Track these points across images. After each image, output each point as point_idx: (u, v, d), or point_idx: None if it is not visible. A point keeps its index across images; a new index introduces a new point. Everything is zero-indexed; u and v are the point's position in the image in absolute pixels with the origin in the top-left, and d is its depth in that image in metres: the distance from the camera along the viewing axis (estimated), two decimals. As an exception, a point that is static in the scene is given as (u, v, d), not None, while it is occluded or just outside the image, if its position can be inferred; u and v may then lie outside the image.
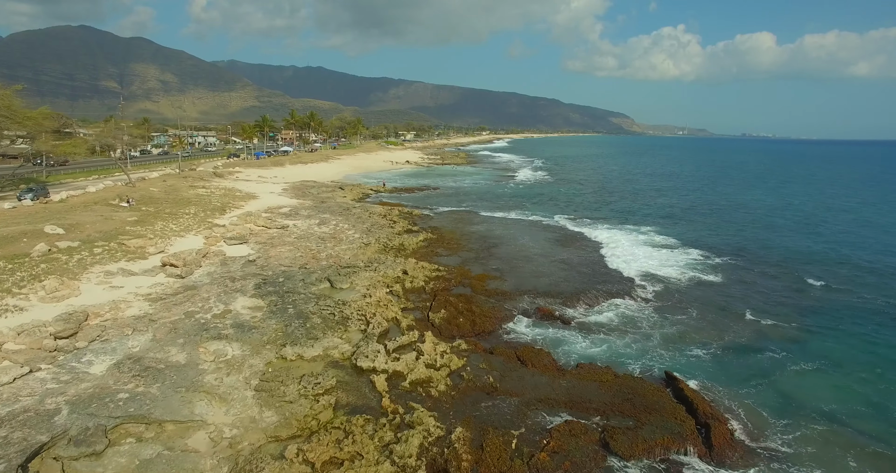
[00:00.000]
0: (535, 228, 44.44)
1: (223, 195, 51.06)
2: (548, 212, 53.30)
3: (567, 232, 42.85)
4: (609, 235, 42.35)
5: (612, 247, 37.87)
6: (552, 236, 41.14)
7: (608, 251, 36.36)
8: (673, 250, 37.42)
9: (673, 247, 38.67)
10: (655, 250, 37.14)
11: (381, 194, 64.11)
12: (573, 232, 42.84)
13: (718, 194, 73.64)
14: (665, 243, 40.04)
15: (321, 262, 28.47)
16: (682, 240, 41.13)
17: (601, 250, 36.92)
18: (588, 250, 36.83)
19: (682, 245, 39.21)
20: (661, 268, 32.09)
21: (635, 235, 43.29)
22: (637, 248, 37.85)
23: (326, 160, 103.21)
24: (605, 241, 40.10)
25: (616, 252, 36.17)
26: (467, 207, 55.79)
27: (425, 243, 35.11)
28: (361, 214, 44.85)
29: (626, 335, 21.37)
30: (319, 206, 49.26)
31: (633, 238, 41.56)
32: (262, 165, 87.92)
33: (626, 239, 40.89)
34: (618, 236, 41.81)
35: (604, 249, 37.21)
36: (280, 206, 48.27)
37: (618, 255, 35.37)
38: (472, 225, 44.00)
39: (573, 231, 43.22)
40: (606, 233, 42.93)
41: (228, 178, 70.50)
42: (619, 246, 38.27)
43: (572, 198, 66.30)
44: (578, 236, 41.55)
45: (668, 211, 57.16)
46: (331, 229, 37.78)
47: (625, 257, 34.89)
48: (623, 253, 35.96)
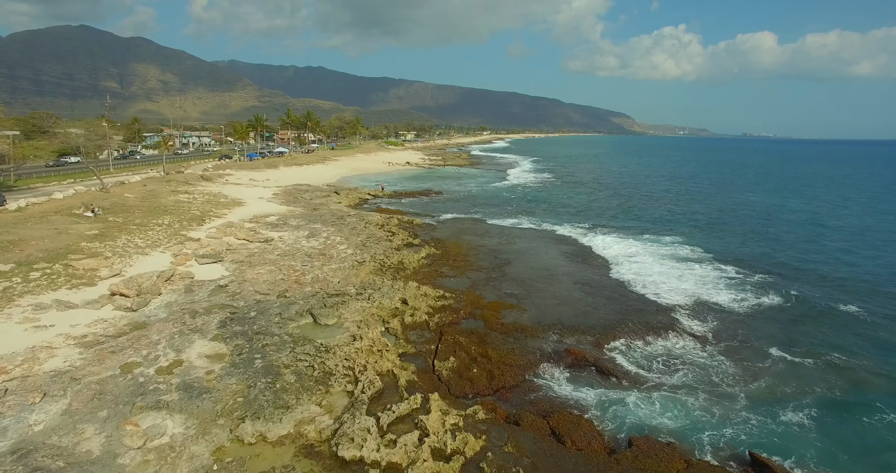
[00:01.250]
0: (548, 240, 39.96)
1: (206, 202, 46.64)
2: (559, 219, 48.85)
3: (583, 245, 38.35)
4: (629, 247, 37.99)
5: (637, 263, 33.45)
6: (567, 249, 36.65)
7: (634, 268, 31.92)
8: (704, 266, 32.97)
9: (703, 262, 34.23)
10: (686, 267, 32.65)
11: (379, 200, 59.67)
12: (589, 245, 38.34)
13: (735, 198, 69.12)
14: (693, 257, 35.59)
15: (305, 287, 23.99)
16: (710, 253, 36.69)
17: (625, 266, 32.46)
18: (610, 267, 32.35)
19: (712, 259, 34.74)
20: (703, 290, 27.62)
21: (657, 246, 38.95)
22: (664, 264, 33.39)
23: (323, 162, 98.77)
24: (626, 254, 35.72)
25: (643, 269, 31.73)
26: (472, 213, 51.35)
27: (428, 261, 30.62)
28: (356, 223, 40.38)
29: (684, 391, 16.88)
30: (311, 214, 44.80)
31: (655, 251, 37.17)
32: (254, 168, 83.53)
33: (649, 252, 36.50)
34: (639, 249, 37.43)
35: (628, 265, 32.75)
36: (267, 214, 43.83)
37: (646, 273, 30.93)
38: (479, 236, 39.53)
39: (589, 243, 38.72)
40: (626, 245, 38.53)
41: (217, 181, 66.11)
42: (644, 262, 33.84)
43: (583, 203, 61.82)
44: (595, 249, 37.05)
45: (685, 218, 52.69)
46: (321, 244, 33.30)
47: (654, 275, 30.42)
48: (651, 271, 31.49)
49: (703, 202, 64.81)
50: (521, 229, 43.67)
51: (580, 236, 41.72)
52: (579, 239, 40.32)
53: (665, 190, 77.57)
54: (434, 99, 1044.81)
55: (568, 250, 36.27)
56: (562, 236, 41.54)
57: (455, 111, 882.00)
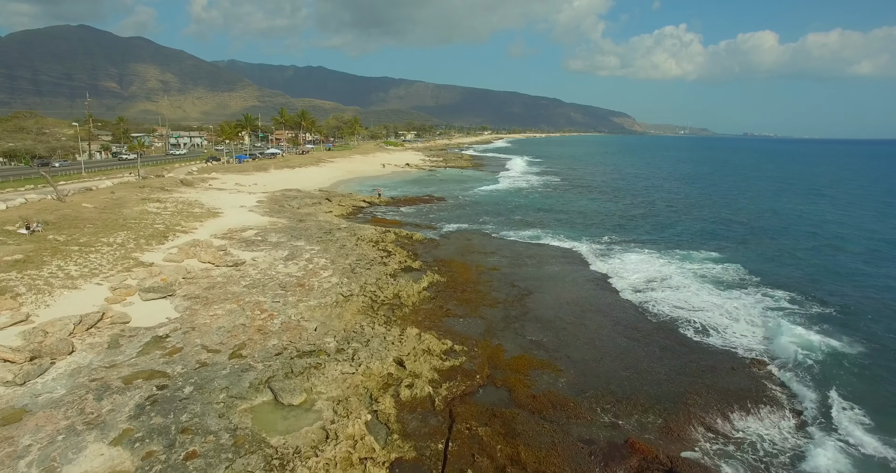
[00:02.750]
0: (568, 259, 34.19)
1: (177, 212, 40.96)
2: (574, 232, 43.15)
3: (608, 265, 32.49)
4: (663, 267, 32.43)
5: (678, 290, 27.79)
6: (592, 273, 30.81)
7: (677, 298, 26.26)
8: (752, 292, 27.32)
9: (748, 286, 28.65)
10: (733, 295, 26.79)
11: (375, 208, 53.95)
12: (616, 265, 32.51)
13: (761, 204, 63.27)
14: (736, 280, 30.01)
15: (270, 339, 18.26)
16: (754, 273, 31.12)
17: (666, 294, 26.82)
18: (649, 296, 26.65)
19: (759, 283, 29.09)
20: (767, 328, 21.90)
21: (691, 265, 33.41)
22: (707, 290, 27.69)
23: (317, 164, 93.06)
24: (661, 277, 30.16)
25: (688, 299, 26.07)
26: (478, 224, 45.67)
27: (431, 292, 24.90)
28: (347, 240, 34.66)
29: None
30: (295, 227, 39.09)
31: (692, 272, 31.60)
32: (242, 170, 77.87)
33: (686, 274, 30.91)
34: (673, 270, 31.82)
35: (669, 293, 27.10)
36: (245, 227, 38.13)
37: (693, 305, 25.27)
38: (489, 255, 33.80)
39: (615, 263, 32.89)
40: (658, 265, 32.90)
41: (198, 186, 60.47)
42: (684, 287, 28.22)
43: (597, 211, 56.09)
44: (625, 271, 31.24)
45: (709, 228, 47.00)
46: (300, 269, 27.58)
47: (704, 308, 24.72)
48: (697, 301, 25.80)
49: (727, 208, 59.01)
50: (534, 245, 37.87)
51: (603, 253, 36.03)
52: (603, 257, 34.59)
53: (685, 195, 71.78)
54: (434, 99, 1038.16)
55: (593, 274, 30.53)
56: (582, 253, 35.78)
57: (456, 111, 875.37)
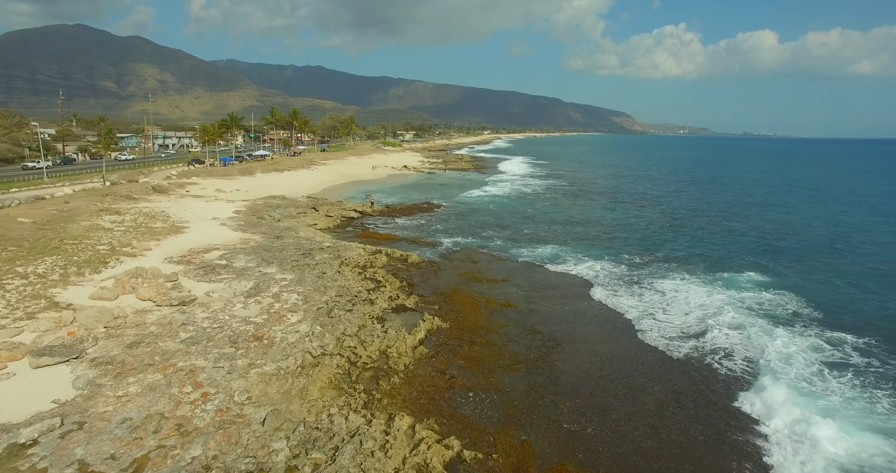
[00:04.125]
0: (594, 290, 28.27)
1: (133, 228, 35.00)
2: (594, 249, 37.28)
3: (646, 299, 26.56)
4: (708, 296, 26.93)
5: (739, 332, 22.06)
6: (628, 310, 24.79)
7: (743, 347, 20.52)
8: (825, 333, 21.63)
9: (813, 325, 23.29)
10: (817, 347, 21.03)
11: (366, 218, 48.00)
12: (654, 299, 26.54)
13: (794, 213, 57.47)
14: (802, 315, 24.63)
15: (192, 444, 12.31)
16: (815, 305, 25.89)
17: (725, 340, 21.05)
18: (706, 345, 20.81)
19: (822, 322, 23.60)
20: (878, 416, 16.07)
21: (735, 292, 28.04)
22: (778, 334, 21.81)
23: (308, 166, 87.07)
24: (713, 311, 24.63)
25: (756, 348, 20.34)
26: (483, 239, 39.81)
27: (429, 348, 18.96)
28: (328, 264, 28.73)
29: None
30: (270, 246, 33.15)
31: (746, 303, 26.24)
32: (226, 175, 71.93)
33: (740, 307, 25.46)
34: (723, 300, 26.29)
35: (730, 338, 21.34)
36: (210, 247, 32.18)
37: (765, 356, 19.52)
38: (500, 285, 27.86)
39: (653, 297, 26.90)
40: (699, 295, 27.16)
41: (173, 194, 54.53)
42: (743, 326, 22.52)
43: (616, 222, 50.22)
44: (666, 307, 25.45)
45: (745, 243, 41.20)
46: (263, 309, 21.64)
47: (785, 370, 18.85)
48: (769, 349, 20.06)
49: (758, 218, 53.09)
50: (551, 268, 31.86)
51: (634, 279, 30.18)
52: (636, 286, 28.72)
53: (708, 201, 65.84)
54: (434, 98, 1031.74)
55: (631, 311, 24.61)
56: (609, 280, 29.87)
57: (455, 111, 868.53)
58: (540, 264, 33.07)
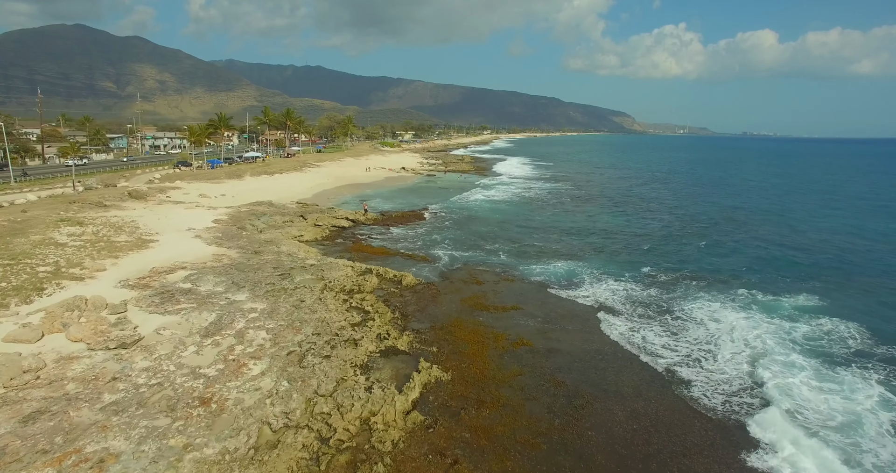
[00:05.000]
0: (620, 320, 24.22)
1: (91, 242, 30.88)
2: (612, 265, 33.23)
3: (682, 335, 22.48)
4: (748, 332, 22.81)
5: (797, 376, 18.14)
6: (663, 355, 20.60)
7: (814, 402, 16.57)
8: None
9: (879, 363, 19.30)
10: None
11: (359, 228, 43.88)
12: (690, 332, 22.56)
13: (821, 220, 53.48)
14: (868, 354, 20.60)
15: None
16: (873, 335, 22.01)
17: (803, 399, 16.99)
18: (761, 397, 16.82)
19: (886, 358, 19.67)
20: None
21: (779, 321, 24.34)
22: (842, 382, 17.93)
23: (301, 169, 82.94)
24: (757, 352, 20.61)
25: (826, 405, 16.40)
26: (489, 253, 35.73)
27: (425, 414, 14.80)
28: (309, 290, 24.61)
29: None
30: (245, 264, 29.04)
31: (789, 337, 22.20)
32: (213, 178, 67.84)
33: (784, 345, 21.38)
34: (766, 336, 22.20)
35: (794, 388, 17.46)
36: (176, 265, 28.08)
37: (839, 424, 15.57)
38: (510, 314, 23.73)
39: (689, 329, 22.89)
40: (741, 326, 23.30)
41: (150, 200, 50.45)
42: (800, 369, 18.59)
43: (627, 229, 46.16)
44: (703, 343, 21.43)
45: (777, 255, 37.26)
46: (220, 354, 17.52)
47: (857, 424, 14.99)
48: (840, 411, 16.12)
49: (785, 226, 48.90)
50: (568, 295, 27.65)
51: (662, 302, 26.19)
52: (668, 315, 24.65)
53: (724, 206, 61.63)
54: (434, 98, 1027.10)
55: (668, 354, 20.46)
56: (635, 305, 25.81)
57: (455, 111, 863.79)
58: (553, 284, 28.96)
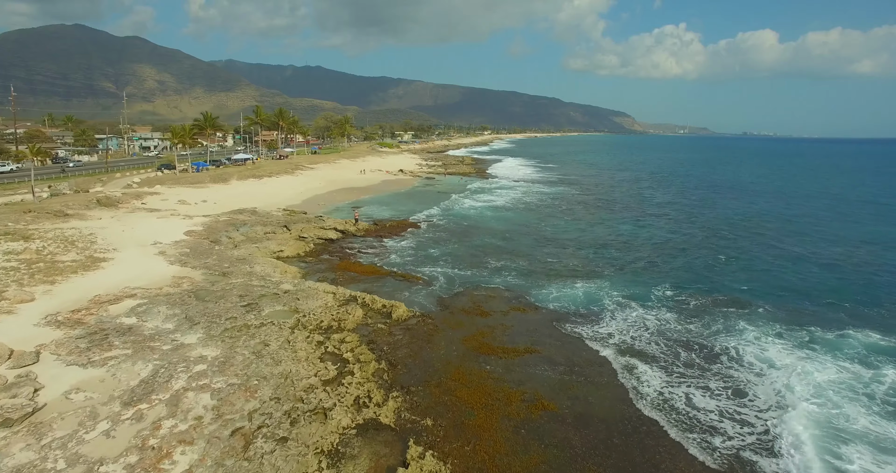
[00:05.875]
0: (659, 373, 19.79)
1: (29, 262, 26.43)
2: (638, 286, 28.81)
3: (732, 391, 18.14)
4: (816, 385, 18.46)
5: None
6: (722, 425, 16.15)
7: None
8: None
9: None
10: None
11: (348, 240, 39.40)
12: (748, 389, 18.16)
13: (868, 231, 49.05)
14: None
15: None
16: None
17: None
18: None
19: None
20: None
21: (855, 369, 20.20)
22: None
23: (292, 172, 78.47)
24: (841, 417, 16.29)
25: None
26: (494, 272, 31.27)
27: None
28: (277, 329, 20.12)
29: None
30: (208, 291, 24.55)
31: (886, 401, 17.56)
32: (196, 182, 63.41)
33: (884, 413, 16.86)
34: (843, 393, 18.07)
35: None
36: (124, 293, 23.60)
37: None
38: (522, 362, 19.23)
39: (743, 380, 18.49)
40: (811, 374, 19.02)
41: (122, 207, 46.07)
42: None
43: (649, 242, 41.72)
44: (767, 407, 16.99)
45: (823, 276, 32.75)
46: (138, 439, 13.02)
47: None
48: None
49: (823, 240, 44.22)
50: (591, 331, 23.10)
51: (702, 337, 21.93)
52: (713, 356, 20.29)
53: (744, 213, 57.01)
54: (434, 98, 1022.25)
55: (727, 424, 16.00)
56: (672, 344, 21.35)
57: (455, 111, 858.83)
58: (571, 315, 24.49)
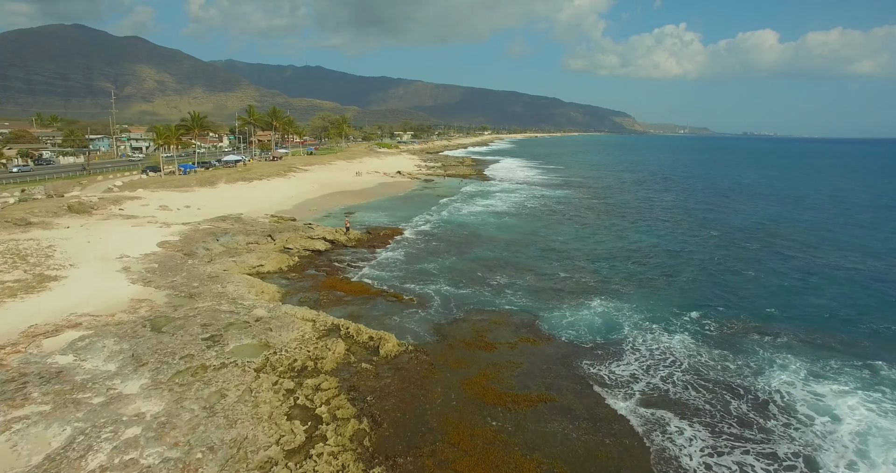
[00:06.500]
0: (704, 434, 16.40)
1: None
2: (660, 310, 25.36)
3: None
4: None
5: None
6: None
7: None
8: None
9: None
10: None
11: (337, 252, 35.93)
12: (828, 464, 14.83)
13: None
14: None
15: None
16: None
17: None
18: None
19: None
20: None
21: None
22: None
23: (285, 174, 75.03)
24: None
25: None
26: (494, 290, 27.87)
27: None
28: (240, 372, 16.68)
29: None
30: (167, 318, 21.10)
31: None
32: (182, 186, 59.97)
33: None
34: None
35: None
36: (66, 322, 20.13)
37: None
38: (536, 414, 15.84)
39: (823, 457, 15.20)
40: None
41: (97, 214, 42.73)
42: None
43: (667, 255, 38.25)
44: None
45: (880, 295, 29.24)
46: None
47: None
48: None
49: (856, 248, 40.82)
50: (611, 377, 19.55)
51: (738, 379, 18.63)
52: (753, 402, 17.00)
53: (763, 219, 53.46)
54: (434, 98, 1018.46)
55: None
56: (713, 387, 17.94)
57: (455, 111, 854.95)
58: (589, 347, 21.04)
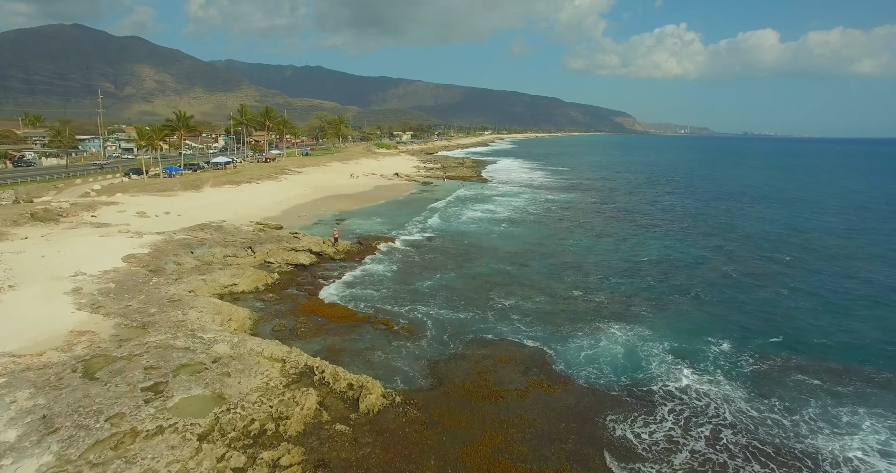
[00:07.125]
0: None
1: None
2: (689, 339, 21.91)
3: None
4: None
5: None
6: None
7: None
8: None
9: None
10: None
11: (323, 266, 32.33)
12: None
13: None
14: None
15: None
16: None
17: None
18: None
19: None
20: None
21: None
22: None
23: (276, 177, 71.40)
24: None
25: None
26: (498, 314, 24.33)
27: None
28: (179, 439, 13.08)
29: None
30: (107, 359, 17.49)
31: None
32: (165, 190, 56.39)
33: None
34: None
35: None
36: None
37: None
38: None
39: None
40: None
41: (63, 221, 39.36)
42: None
43: (690, 269, 34.74)
44: None
45: None
46: None
47: None
48: None
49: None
50: (643, 438, 15.99)
51: (796, 439, 15.15)
52: None
53: (786, 227, 49.64)
54: (434, 98, 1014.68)
55: None
56: (754, 466, 14.41)
57: (455, 111, 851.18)
58: (614, 391, 17.46)
